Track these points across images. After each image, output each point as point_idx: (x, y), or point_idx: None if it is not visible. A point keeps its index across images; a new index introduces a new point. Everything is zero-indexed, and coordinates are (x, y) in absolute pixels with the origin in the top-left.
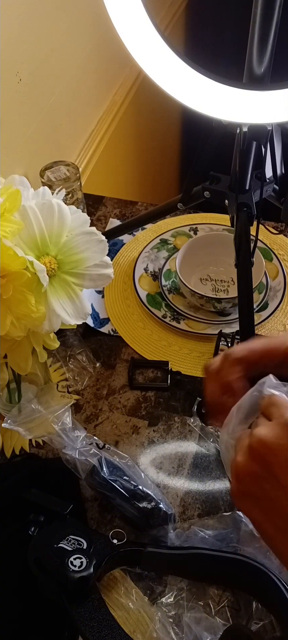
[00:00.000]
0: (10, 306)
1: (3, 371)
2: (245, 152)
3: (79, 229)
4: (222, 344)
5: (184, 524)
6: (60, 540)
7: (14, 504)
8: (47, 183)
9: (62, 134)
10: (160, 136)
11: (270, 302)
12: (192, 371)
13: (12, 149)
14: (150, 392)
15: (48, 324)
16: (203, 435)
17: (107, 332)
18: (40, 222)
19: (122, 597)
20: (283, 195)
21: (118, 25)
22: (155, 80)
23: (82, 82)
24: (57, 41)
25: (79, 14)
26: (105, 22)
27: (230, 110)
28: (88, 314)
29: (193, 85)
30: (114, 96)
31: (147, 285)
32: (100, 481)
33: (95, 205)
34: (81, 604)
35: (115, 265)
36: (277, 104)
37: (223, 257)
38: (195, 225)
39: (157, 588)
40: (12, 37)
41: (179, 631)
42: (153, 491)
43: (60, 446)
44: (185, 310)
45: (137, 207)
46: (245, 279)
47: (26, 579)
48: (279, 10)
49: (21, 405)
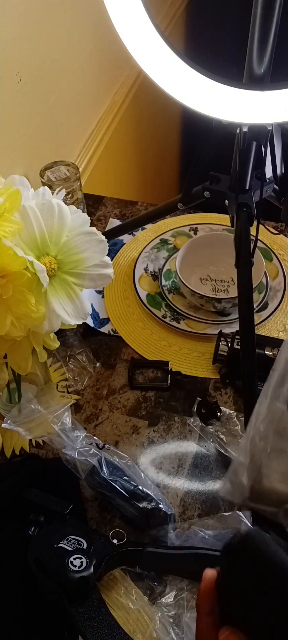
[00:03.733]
0: (10, 306)
1: (3, 371)
2: (245, 152)
3: (79, 229)
4: (222, 344)
5: (184, 524)
6: (60, 540)
7: (14, 504)
8: (47, 183)
9: (62, 134)
10: (160, 136)
11: (270, 302)
12: (192, 371)
13: (12, 149)
14: (150, 392)
15: (48, 324)
16: (203, 435)
17: (107, 332)
18: (40, 222)
19: (122, 597)
20: (283, 195)
21: (118, 26)
22: (155, 80)
23: (82, 82)
24: (57, 41)
25: (79, 14)
26: (105, 23)
27: (230, 110)
28: (88, 314)
29: (193, 85)
30: (114, 96)
31: (147, 285)
32: (100, 481)
33: (95, 205)
34: (81, 604)
35: (115, 265)
36: (277, 104)
37: (223, 257)
38: (195, 225)
39: (157, 588)
40: (12, 37)
41: (179, 631)
42: (153, 491)
43: (60, 446)
44: (185, 310)
45: (137, 207)
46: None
47: (26, 579)
48: (279, 10)
49: (21, 405)
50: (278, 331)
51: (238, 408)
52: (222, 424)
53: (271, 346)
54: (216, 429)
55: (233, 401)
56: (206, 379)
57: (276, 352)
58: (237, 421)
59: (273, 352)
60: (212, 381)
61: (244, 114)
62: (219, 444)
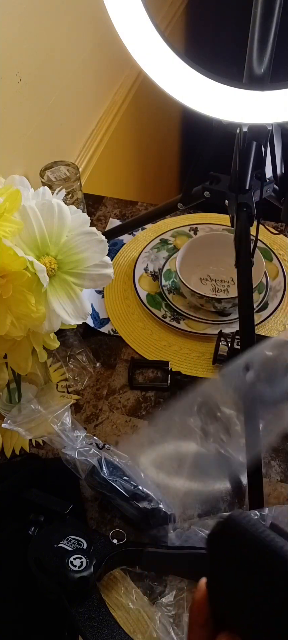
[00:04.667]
0: (10, 306)
1: (3, 371)
2: (245, 152)
3: (79, 229)
4: (222, 344)
5: (184, 524)
6: (60, 540)
7: (14, 504)
8: (47, 183)
9: (62, 134)
10: (160, 136)
11: (270, 302)
12: (192, 371)
13: (12, 149)
14: (150, 392)
15: (48, 324)
16: (203, 435)
17: (107, 332)
18: (40, 222)
19: (122, 597)
20: (283, 195)
21: (118, 26)
22: (155, 80)
23: (82, 82)
24: (57, 41)
25: (79, 14)
26: (105, 22)
27: (230, 110)
28: (88, 314)
29: (193, 85)
30: (114, 96)
31: (147, 285)
32: (100, 481)
33: (95, 205)
34: (81, 604)
35: (115, 265)
36: (277, 104)
37: (223, 257)
38: (195, 225)
39: (157, 588)
40: (12, 37)
41: (179, 631)
42: (153, 491)
43: (60, 446)
44: (185, 310)
45: (137, 207)
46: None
47: (26, 579)
48: (279, 10)
49: (21, 405)
50: (278, 331)
51: (238, 408)
52: (222, 424)
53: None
54: (216, 429)
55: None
56: (206, 379)
57: (276, 352)
58: (237, 421)
59: (273, 352)
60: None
61: (244, 114)
62: (219, 444)
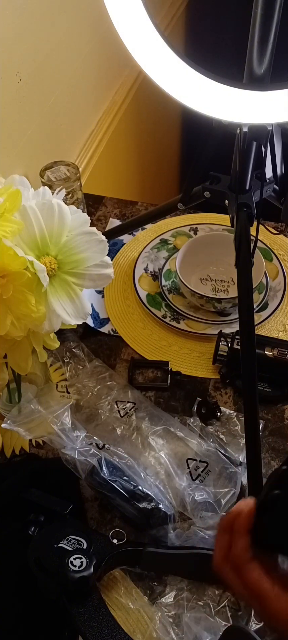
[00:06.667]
0: (11, 306)
1: (3, 371)
2: (245, 152)
3: (79, 229)
4: (222, 344)
5: (184, 524)
6: (60, 540)
7: (14, 504)
8: (47, 183)
9: (62, 134)
10: (160, 136)
11: (270, 302)
12: (192, 371)
13: (12, 149)
14: (150, 392)
15: (48, 324)
16: (203, 435)
17: (107, 332)
18: (41, 222)
19: (122, 597)
20: (283, 195)
21: (118, 26)
22: (155, 80)
23: (82, 82)
24: (57, 41)
25: (79, 14)
26: (105, 22)
27: (230, 110)
28: (88, 314)
29: (193, 85)
30: (114, 96)
31: (147, 285)
32: (100, 481)
33: (95, 205)
34: (81, 604)
35: (115, 265)
36: (277, 104)
37: (223, 257)
38: (195, 225)
39: (157, 588)
40: (12, 37)
41: (179, 631)
42: (153, 491)
43: (60, 446)
44: (185, 310)
45: (137, 207)
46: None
47: (26, 579)
48: (279, 11)
49: (21, 405)
50: (278, 331)
51: (238, 408)
52: (222, 424)
53: (271, 346)
54: (216, 429)
55: (233, 401)
56: (206, 379)
57: (276, 352)
58: (237, 421)
59: (273, 352)
60: (212, 381)
61: (244, 114)
62: (219, 444)
